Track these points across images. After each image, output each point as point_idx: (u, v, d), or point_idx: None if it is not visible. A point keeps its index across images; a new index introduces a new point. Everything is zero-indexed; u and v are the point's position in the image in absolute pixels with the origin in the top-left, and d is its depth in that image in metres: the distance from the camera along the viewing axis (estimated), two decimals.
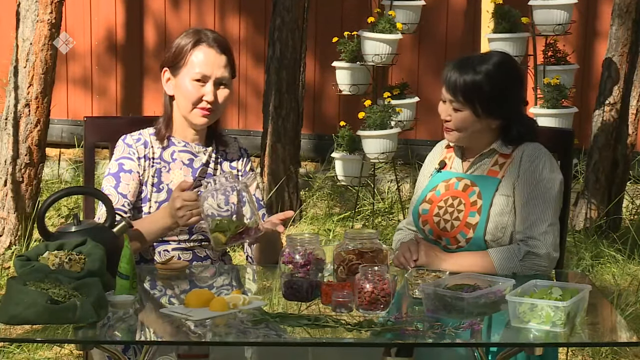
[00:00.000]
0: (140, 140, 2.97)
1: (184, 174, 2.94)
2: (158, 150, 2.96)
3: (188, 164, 2.96)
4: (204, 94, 2.92)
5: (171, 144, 2.98)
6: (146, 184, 2.90)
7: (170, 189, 2.91)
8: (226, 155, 3.04)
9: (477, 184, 2.86)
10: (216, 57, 2.92)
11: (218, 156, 3.02)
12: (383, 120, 5.61)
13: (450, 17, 7.06)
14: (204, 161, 2.98)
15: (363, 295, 2.40)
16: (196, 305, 2.39)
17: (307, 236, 2.62)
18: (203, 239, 2.92)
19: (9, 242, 5.25)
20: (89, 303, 2.28)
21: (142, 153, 2.94)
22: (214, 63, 2.92)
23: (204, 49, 2.92)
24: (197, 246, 2.93)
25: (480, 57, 2.86)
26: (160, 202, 2.89)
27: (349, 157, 5.77)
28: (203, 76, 2.91)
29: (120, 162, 2.93)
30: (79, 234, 2.58)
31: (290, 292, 2.52)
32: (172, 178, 2.93)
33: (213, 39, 2.94)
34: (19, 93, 5.16)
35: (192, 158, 2.97)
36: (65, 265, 2.43)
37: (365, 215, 6.10)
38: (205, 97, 2.92)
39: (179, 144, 2.98)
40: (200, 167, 2.97)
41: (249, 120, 7.37)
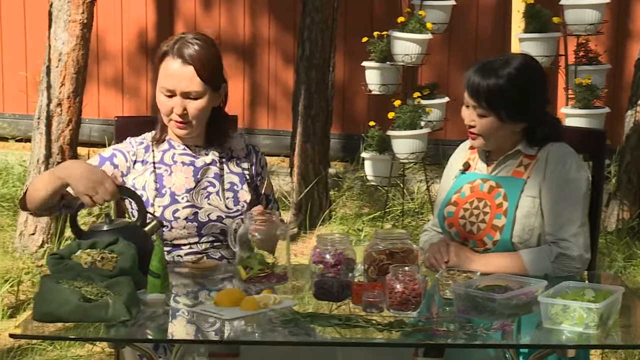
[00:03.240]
0: (143, 143, 2.95)
1: (185, 175, 2.91)
2: (159, 154, 2.93)
3: (189, 164, 2.93)
4: (173, 106, 2.86)
5: (170, 146, 2.95)
6: (145, 189, 2.87)
7: (173, 192, 2.87)
8: (231, 154, 2.99)
9: (502, 186, 2.85)
10: (180, 70, 2.83)
11: (222, 156, 2.97)
12: (413, 120, 5.59)
13: (481, 16, 7.03)
14: (207, 161, 2.94)
15: (394, 296, 2.39)
16: (227, 305, 2.39)
17: (338, 236, 2.61)
18: (214, 240, 2.90)
19: (42, 241, 5.29)
20: (121, 301, 2.29)
21: (142, 157, 2.91)
22: (178, 76, 2.83)
23: (169, 61, 2.84)
24: (210, 248, 2.91)
25: (503, 61, 2.81)
26: (164, 206, 2.85)
27: (379, 157, 5.76)
28: (168, 90, 2.85)
29: (114, 153, 2.91)
30: (110, 233, 2.59)
31: (320, 292, 2.52)
32: (175, 181, 2.90)
33: (180, 48, 2.83)
34: (51, 93, 5.20)
35: (193, 159, 2.93)
36: (98, 263, 2.45)
37: (395, 216, 6.08)
38: (175, 110, 2.86)
39: (178, 146, 2.95)
40: (203, 167, 2.92)
41: (278, 120, 7.38)
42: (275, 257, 2.63)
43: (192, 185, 2.90)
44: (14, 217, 5.85)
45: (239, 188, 2.96)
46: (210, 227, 2.88)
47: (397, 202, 6.26)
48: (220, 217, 2.89)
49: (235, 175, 2.97)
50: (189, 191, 2.89)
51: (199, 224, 2.87)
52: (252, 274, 2.60)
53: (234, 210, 2.91)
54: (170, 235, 2.86)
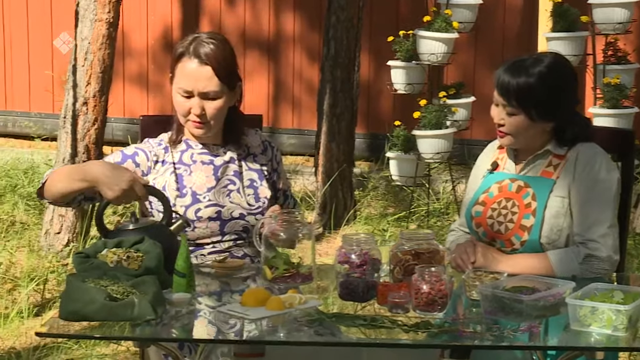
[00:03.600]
0: (161, 144, 2.96)
1: (206, 174, 2.91)
2: (177, 155, 2.94)
3: (209, 163, 2.93)
4: (191, 107, 2.86)
5: (189, 147, 2.96)
6: (166, 189, 2.87)
7: (194, 191, 2.88)
8: (248, 151, 3.00)
9: (531, 186, 2.83)
10: (198, 70, 2.84)
11: (240, 152, 2.98)
12: (438, 120, 5.58)
13: (508, 15, 6.99)
14: (226, 159, 2.95)
15: (420, 296, 2.39)
16: (252, 304, 2.40)
17: (363, 236, 2.61)
18: (237, 237, 2.90)
19: (67, 240, 5.32)
20: (147, 300, 2.30)
21: (162, 157, 2.92)
22: (196, 77, 2.84)
23: (185, 61, 2.85)
24: (234, 246, 2.91)
25: (533, 59, 2.80)
26: (186, 206, 2.86)
27: (404, 156, 5.75)
28: (186, 91, 2.85)
29: (136, 151, 2.92)
30: (136, 232, 2.60)
31: (346, 292, 2.52)
32: (195, 180, 2.91)
33: (197, 48, 2.83)
34: (77, 91, 5.23)
35: (212, 158, 2.94)
36: (124, 262, 2.46)
37: (420, 216, 6.07)
38: (192, 111, 2.86)
39: (196, 146, 2.95)
40: (223, 165, 2.93)
41: (303, 119, 7.39)
42: (301, 257, 2.63)
43: (213, 184, 2.91)
44: (39, 215, 5.89)
45: (258, 184, 2.96)
46: (233, 225, 2.89)
47: (422, 202, 6.24)
48: (243, 215, 2.90)
49: (254, 172, 2.98)
50: (210, 190, 2.90)
51: (222, 222, 2.88)
52: (278, 274, 2.60)
53: (255, 207, 2.91)
54: (193, 235, 2.87)
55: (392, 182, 6.13)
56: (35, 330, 2.35)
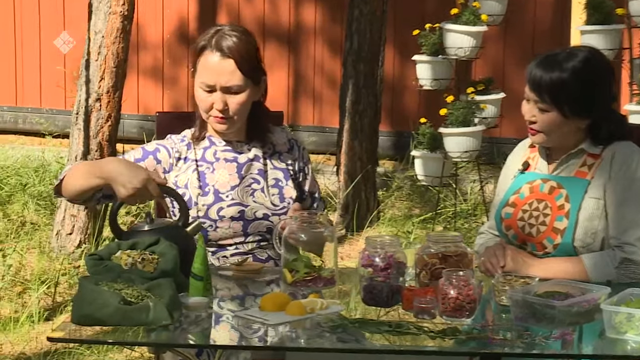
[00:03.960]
0: (184, 141, 2.96)
1: (229, 172, 2.92)
2: (200, 152, 2.95)
3: (232, 160, 2.94)
4: (213, 102, 2.88)
5: (212, 143, 2.96)
6: (188, 187, 2.88)
7: (217, 189, 2.89)
8: (274, 149, 3.00)
9: (564, 186, 2.82)
10: (220, 64, 2.85)
11: (265, 151, 2.99)
12: (466, 117, 5.56)
13: (539, 7, 6.97)
14: (250, 156, 2.95)
15: (447, 302, 2.38)
16: (272, 309, 2.40)
17: (387, 238, 2.61)
18: (261, 239, 2.91)
19: (79, 241, 5.35)
20: (163, 304, 2.30)
21: (184, 154, 2.93)
22: (218, 71, 2.85)
23: (207, 55, 2.86)
24: (257, 248, 2.92)
25: (567, 53, 2.79)
26: (208, 205, 2.86)
27: (430, 155, 5.74)
28: (207, 85, 2.86)
29: (158, 148, 2.93)
30: (151, 233, 2.61)
31: (369, 296, 2.52)
32: (218, 178, 2.91)
33: (219, 41, 2.84)
34: (90, 87, 5.26)
35: (236, 155, 2.95)
36: (138, 265, 2.47)
37: (447, 217, 6.06)
38: (215, 106, 2.88)
39: (219, 143, 2.96)
40: (247, 163, 2.94)
41: (324, 115, 7.39)
42: (322, 260, 2.63)
43: (236, 182, 2.92)
44: (50, 216, 5.93)
45: (283, 184, 2.97)
46: (257, 225, 2.89)
47: (449, 203, 6.23)
48: (267, 215, 2.91)
49: (279, 171, 2.98)
50: (234, 188, 2.91)
51: (245, 222, 2.88)
52: (298, 278, 2.60)
53: (280, 207, 2.92)
54: (215, 235, 2.87)
55: (417, 182, 6.12)
56: (47, 335, 2.36)
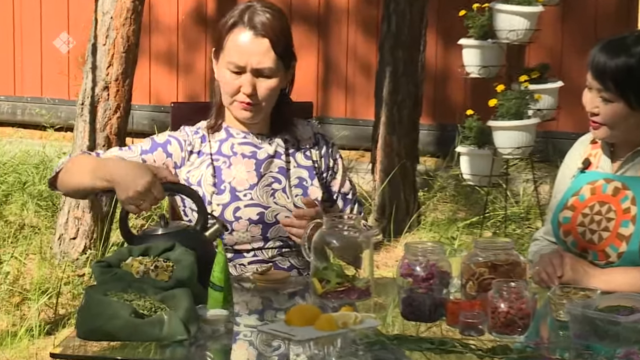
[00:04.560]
0: (198, 133, 2.98)
1: (247, 168, 2.93)
2: (215, 145, 2.95)
3: (250, 156, 2.94)
4: (241, 85, 2.89)
5: (229, 135, 2.97)
6: (201, 184, 2.90)
7: (233, 187, 2.89)
8: (298, 145, 3.01)
9: (630, 187, 2.82)
10: (253, 43, 2.86)
11: (288, 146, 2.99)
12: (519, 109, 5.56)
13: None
14: (270, 152, 2.96)
15: (497, 316, 2.38)
16: (300, 324, 2.41)
17: (430, 245, 2.61)
18: (282, 245, 2.91)
19: (84, 246, 5.39)
20: (178, 317, 2.32)
21: (198, 147, 2.94)
22: (250, 51, 2.86)
23: (239, 32, 2.87)
24: (278, 255, 2.93)
25: (635, 37, 2.78)
26: (223, 204, 2.87)
27: (477, 151, 5.73)
28: (237, 66, 2.87)
29: (169, 140, 2.94)
30: (166, 237, 2.63)
31: (409, 310, 2.52)
32: (235, 174, 2.92)
33: (252, 18, 2.86)
34: (97, 74, 5.29)
35: (255, 150, 2.96)
36: (151, 273, 2.49)
37: (496, 222, 6.05)
38: (243, 89, 2.88)
39: (237, 135, 2.97)
40: (267, 160, 2.95)
41: (357, 107, 7.40)
42: (357, 269, 2.64)
43: (255, 181, 2.93)
44: (52, 218, 5.97)
45: (308, 184, 2.98)
46: (277, 229, 2.90)
47: (498, 205, 6.22)
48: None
49: (303, 169, 2.99)
50: (252, 187, 2.92)
51: (265, 225, 2.89)
52: (329, 288, 2.61)
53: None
54: (231, 240, 2.89)
55: (463, 182, 6.11)
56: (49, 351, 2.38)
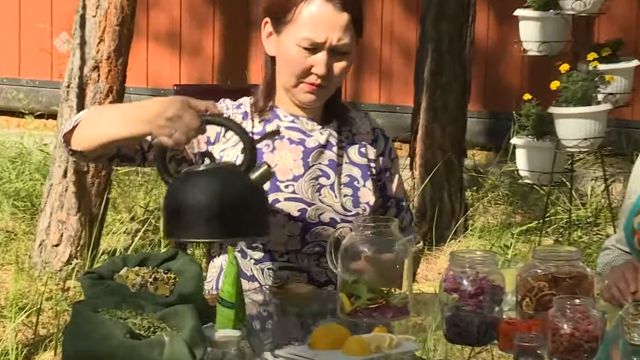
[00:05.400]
0: (241, 108, 3.01)
1: (293, 156, 2.96)
2: (259, 125, 2.99)
3: (298, 143, 2.98)
4: (314, 64, 2.93)
5: (275, 116, 3.01)
6: None
7: (275, 175, 2.91)
8: (353, 138, 3.05)
9: None
10: (334, 17, 2.91)
11: (342, 138, 3.03)
12: (586, 93, 5.55)
13: None
14: (321, 141, 3.00)
15: (559, 339, 2.39)
16: (325, 347, 2.42)
17: (479, 254, 2.61)
18: (321, 251, 2.91)
19: (69, 255, 5.41)
20: (181, 339, 2.33)
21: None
22: (331, 24, 2.91)
23: (316, 3, 2.91)
24: (314, 265, 2.95)
25: None
26: None
27: (536, 144, 5.73)
28: (313, 43, 2.92)
29: None
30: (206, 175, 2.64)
31: (454, 331, 2.53)
32: (278, 161, 2.94)
33: None
34: (86, 51, 5.31)
35: (304, 137, 2.99)
36: (150, 286, 2.50)
37: (559, 227, 6.04)
38: (315, 70, 2.93)
39: (285, 118, 3.00)
40: (317, 149, 2.98)
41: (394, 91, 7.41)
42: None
43: (300, 172, 2.95)
44: (31, 221, 6.01)
45: (360, 184, 3.01)
46: (319, 232, 2.92)
47: (561, 208, 6.21)
48: (334, 221, 2.93)
49: (356, 167, 3.02)
50: (297, 179, 2.94)
51: (305, 225, 2.91)
52: (360, 305, 2.62)
53: (352, 214, 2.94)
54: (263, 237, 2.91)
55: (519, 180, 6.11)
56: None
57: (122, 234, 5.91)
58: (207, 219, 2.64)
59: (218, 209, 2.63)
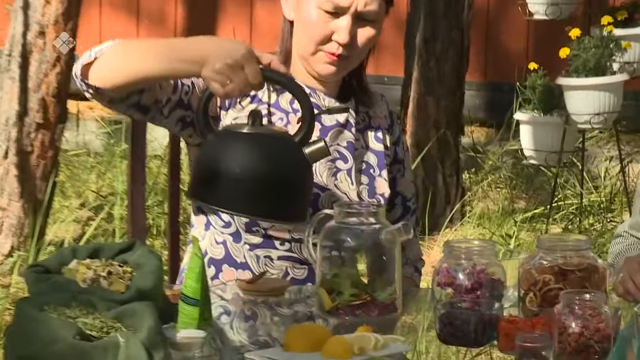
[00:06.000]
0: None
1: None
2: (274, 95, 3.01)
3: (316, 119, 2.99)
4: (335, 31, 2.94)
5: None
6: None
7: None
8: (370, 122, 3.08)
9: None
10: None
11: (359, 120, 3.06)
12: (600, 62, 5.56)
13: None
14: (341, 120, 3.02)
15: (566, 339, 2.40)
16: (302, 349, 2.43)
17: (477, 244, 2.63)
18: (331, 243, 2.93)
19: (10, 246, 5.40)
20: (138, 341, 2.34)
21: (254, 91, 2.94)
22: None
23: None
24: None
25: None
26: None
27: (543, 119, 5.74)
28: (337, 6, 2.93)
29: None
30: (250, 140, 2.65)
31: (449, 330, 2.54)
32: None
33: None
34: (30, 15, 5.30)
35: (320, 115, 3.00)
36: (103, 281, 2.50)
37: (568, 214, 6.06)
38: (337, 37, 2.94)
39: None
40: (335, 128, 3.00)
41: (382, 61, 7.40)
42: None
43: None
44: None
45: (376, 173, 3.04)
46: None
47: (571, 192, 6.23)
48: None
49: (373, 154, 3.06)
50: None
51: (315, 210, 2.89)
52: (342, 302, 2.63)
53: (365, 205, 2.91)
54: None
55: (523, 160, 6.12)
56: None
57: (71, 222, 5.90)
58: (247, 192, 2.64)
59: (263, 182, 2.64)
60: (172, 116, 2.90)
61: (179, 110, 2.90)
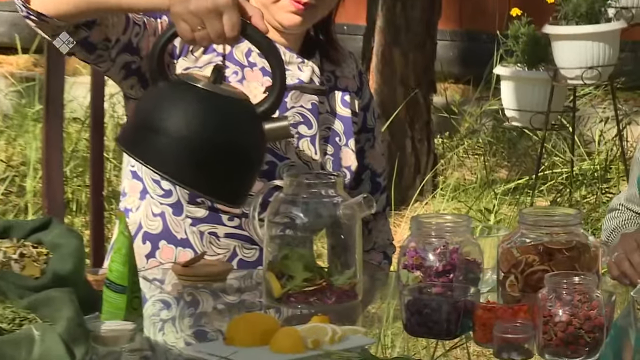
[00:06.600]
0: None
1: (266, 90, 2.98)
2: (228, 46, 2.99)
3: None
4: None
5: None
6: None
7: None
8: (336, 82, 3.11)
9: None
10: None
11: (323, 80, 3.08)
12: (593, 7, 5.58)
13: None
14: (304, 78, 3.04)
15: (552, 329, 2.42)
16: (247, 343, 2.43)
17: (450, 219, 2.65)
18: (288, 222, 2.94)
19: None
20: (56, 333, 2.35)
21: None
22: None
23: None
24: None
25: None
26: None
27: (528, 74, 5.77)
28: None
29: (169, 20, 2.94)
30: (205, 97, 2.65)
31: (417, 320, 2.55)
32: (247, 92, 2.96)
33: None
34: None
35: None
36: (14, 264, 2.51)
37: (557, 184, 6.09)
38: None
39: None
40: (295, 87, 3.02)
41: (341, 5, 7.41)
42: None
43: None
44: None
45: (342, 142, 3.07)
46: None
47: (560, 159, 6.26)
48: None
49: (338, 121, 3.09)
50: None
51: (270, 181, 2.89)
52: (294, 288, 2.65)
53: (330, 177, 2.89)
54: None
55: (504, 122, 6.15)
56: None
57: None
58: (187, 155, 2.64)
59: (207, 149, 2.63)
60: (118, 60, 2.91)
61: (125, 54, 2.91)
